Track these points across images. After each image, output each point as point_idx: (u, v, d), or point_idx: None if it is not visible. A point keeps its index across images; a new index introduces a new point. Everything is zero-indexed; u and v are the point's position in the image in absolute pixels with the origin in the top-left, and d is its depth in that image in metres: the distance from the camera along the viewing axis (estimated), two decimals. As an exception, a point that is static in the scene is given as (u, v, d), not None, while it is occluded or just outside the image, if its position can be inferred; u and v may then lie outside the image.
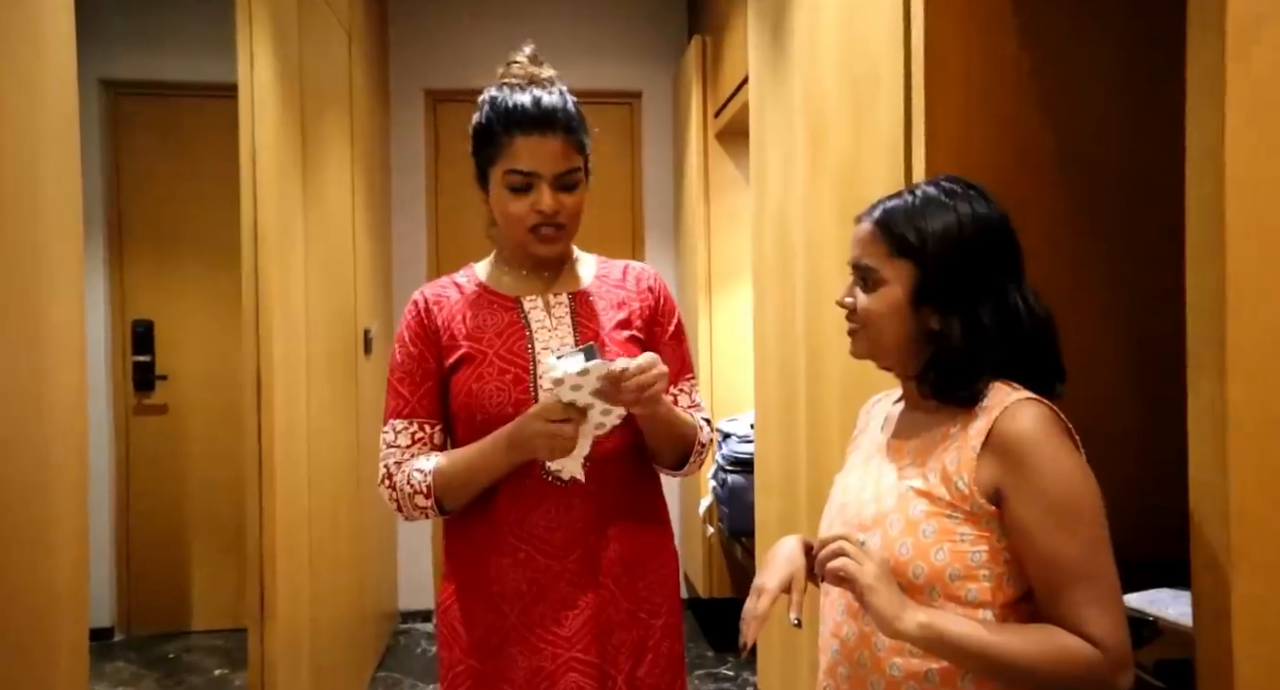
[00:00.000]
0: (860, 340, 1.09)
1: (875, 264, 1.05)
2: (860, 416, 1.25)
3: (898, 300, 1.03)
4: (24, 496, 1.28)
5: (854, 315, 1.09)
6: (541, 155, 1.27)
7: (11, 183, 1.25)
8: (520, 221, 1.29)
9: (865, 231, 1.07)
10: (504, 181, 1.28)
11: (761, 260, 2.45)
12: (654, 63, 3.94)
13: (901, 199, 1.06)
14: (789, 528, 2.26)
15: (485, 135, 1.30)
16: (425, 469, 1.30)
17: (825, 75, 1.85)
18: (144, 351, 3.62)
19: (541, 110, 1.27)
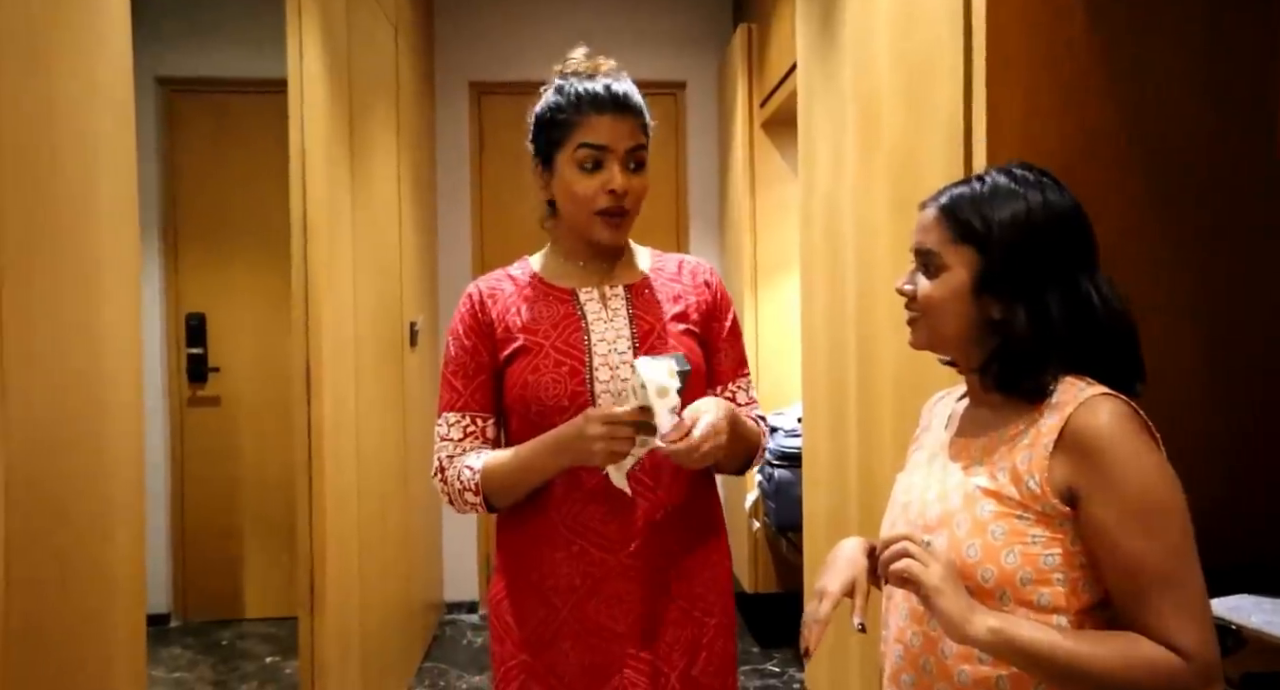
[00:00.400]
0: (920, 329, 1.06)
1: (937, 249, 1.01)
2: (923, 414, 1.22)
3: (959, 287, 0.99)
4: (83, 489, 1.30)
5: (913, 303, 1.06)
6: (615, 131, 1.28)
7: (69, 180, 1.27)
8: (588, 203, 1.28)
9: (929, 217, 1.04)
10: (574, 159, 1.28)
11: (810, 251, 2.41)
12: (698, 52, 3.90)
13: (969, 186, 1.03)
14: (838, 523, 2.22)
15: (553, 118, 1.30)
16: (475, 466, 1.29)
17: (878, 60, 1.80)
18: (197, 344, 3.68)
19: (613, 93, 1.29)
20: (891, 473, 1.81)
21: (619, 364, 1.31)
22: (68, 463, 1.26)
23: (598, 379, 1.29)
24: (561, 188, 1.32)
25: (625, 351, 1.31)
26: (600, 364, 1.30)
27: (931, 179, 1.56)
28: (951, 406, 1.13)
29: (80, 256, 1.29)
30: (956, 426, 1.08)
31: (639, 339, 1.33)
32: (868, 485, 1.96)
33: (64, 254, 1.25)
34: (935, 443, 1.10)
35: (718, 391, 1.43)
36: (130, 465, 1.43)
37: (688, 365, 1.18)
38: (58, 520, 1.23)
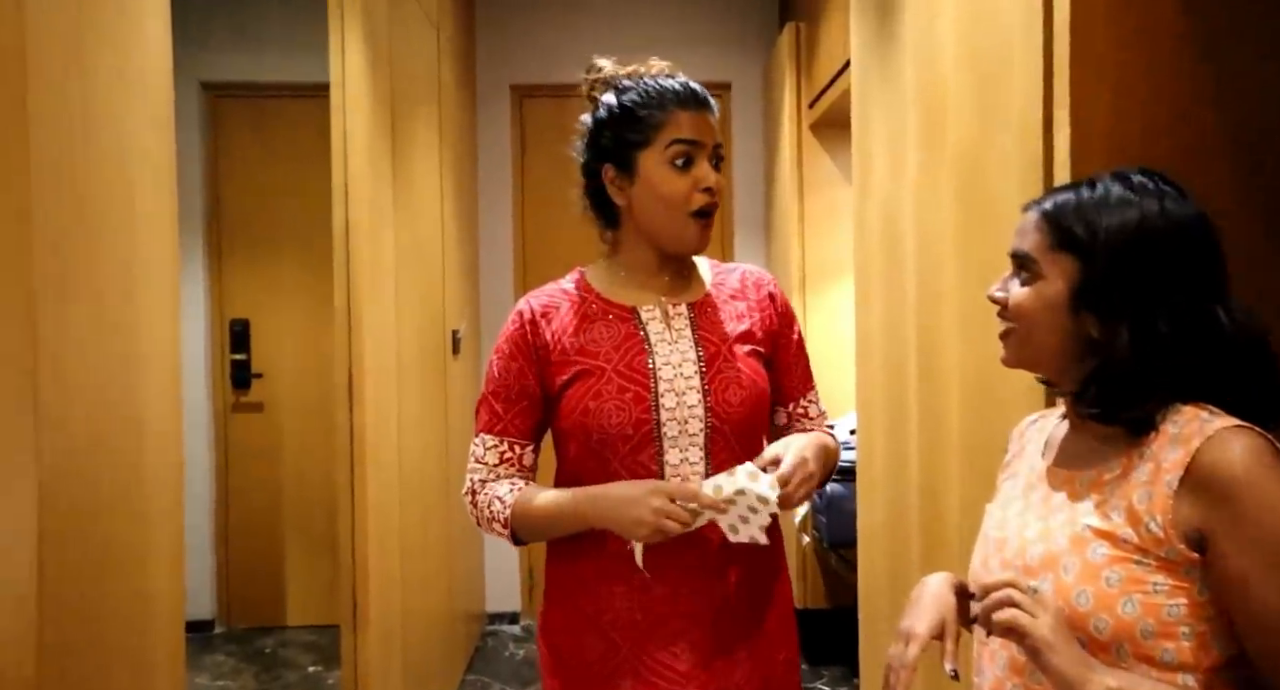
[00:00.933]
0: (1012, 343, 0.97)
1: (1035, 255, 0.93)
2: (1013, 439, 1.12)
3: (1055, 298, 0.91)
4: (120, 500, 1.27)
5: (1005, 312, 0.97)
6: (703, 127, 1.25)
7: (108, 184, 1.23)
8: (682, 203, 1.23)
9: (1030, 220, 0.96)
10: (665, 157, 1.23)
11: (865, 257, 2.32)
12: (743, 53, 3.82)
13: (1078, 190, 0.94)
14: (896, 541, 2.12)
15: (633, 116, 1.25)
16: (506, 500, 1.24)
17: (942, 54, 1.71)
18: (240, 350, 3.69)
19: (693, 89, 1.27)
20: (959, 491, 1.72)
21: (685, 390, 1.24)
22: (106, 476, 1.22)
23: (663, 406, 1.23)
24: (646, 191, 1.25)
25: (691, 376, 1.25)
26: (666, 389, 1.24)
27: (1002, 180, 1.46)
28: (1049, 431, 1.04)
29: (117, 262, 1.26)
30: (1055, 454, 0.98)
31: (705, 363, 1.26)
32: (931, 503, 1.87)
33: (101, 260, 1.21)
34: (1031, 472, 1.01)
35: (789, 409, 1.37)
36: (169, 478, 1.40)
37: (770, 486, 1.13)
38: (95, 532, 1.20)
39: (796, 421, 1.38)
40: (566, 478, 1.30)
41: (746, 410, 1.26)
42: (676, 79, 1.28)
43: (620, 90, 1.27)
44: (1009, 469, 1.07)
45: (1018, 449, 1.09)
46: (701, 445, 1.24)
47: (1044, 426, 1.06)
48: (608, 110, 1.27)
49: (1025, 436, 1.09)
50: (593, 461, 1.25)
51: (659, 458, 1.23)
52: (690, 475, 1.24)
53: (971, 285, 1.60)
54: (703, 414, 1.24)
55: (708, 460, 1.24)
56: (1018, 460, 1.07)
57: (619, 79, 1.29)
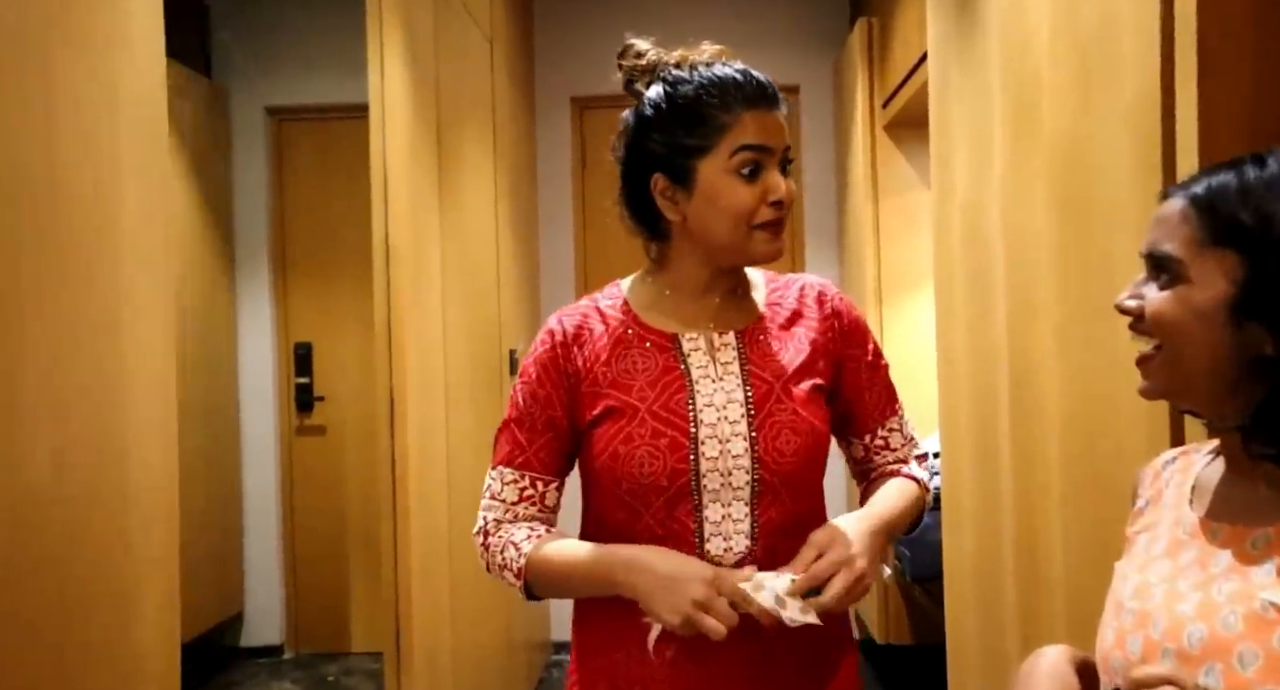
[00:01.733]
0: (1157, 367, 0.77)
1: (1179, 253, 0.74)
2: (1143, 482, 0.91)
3: (1209, 306, 0.72)
4: (105, 560, 1.16)
5: (1140, 323, 0.78)
6: (773, 130, 1.07)
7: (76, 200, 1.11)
8: (748, 216, 1.06)
9: (1173, 211, 0.76)
10: (731, 165, 1.04)
11: (946, 264, 2.12)
12: (812, 53, 3.64)
13: (1239, 171, 0.74)
14: (989, 577, 1.91)
15: (688, 119, 1.05)
16: (522, 548, 1.09)
17: (1035, 34, 1.51)
18: (304, 373, 3.66)
19: (760, 82, 1.07)
20: (1060, 530, 1.51)
21: (729, 436, 1.07)
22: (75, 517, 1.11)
23: (704, 455, 1.06)
24: (705, 204, 1.07)
25: (737, 420, 1.08)
26: (707, 436, 1.07)
27: (1109, 171, 1.26)
28: (1196, 471, 0.83)
29: (94, 288, 1.13)
30: (1209, 504, 0.78)
31: (754, 404, 1.09)
32: (1028, 540, 1.65)
33: (71, 284, 1.09)
34: (1178, 526, 0.80)
35: (865, 440, 1.19)
36: (159, 524, 1.28)
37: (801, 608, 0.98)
38: (50, 584, 1.09)
39: (875, 454, 1.20)
40: (592, 525, 1.15)
41: (801, 461, 1.08)
42: (734, 66, 1.08)
43: (671, 83, 1.07)
44: (1142, 519, 0.87)
45: (1152, 494, 0.88)
46: (747, 500, 1.07)
47: (1187, 468, 0.85)
48: (655, 108, 1.08)
49: (1162, 479, 0.88)
50: (621, 512, 1.09)
51: (697, 513, 1.07)
52: (733, 534, 1.07)
53: (1072, 294, 1.40)
54: (749, 465, 1.07)
55: (754, 518, 1.08)
56: (1154, 509, 0.86)
57: (666, 67, 1.10)
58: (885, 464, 1.20)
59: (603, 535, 1.12)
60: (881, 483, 1.17)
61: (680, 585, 0.96)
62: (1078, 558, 1.43)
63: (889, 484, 1.15)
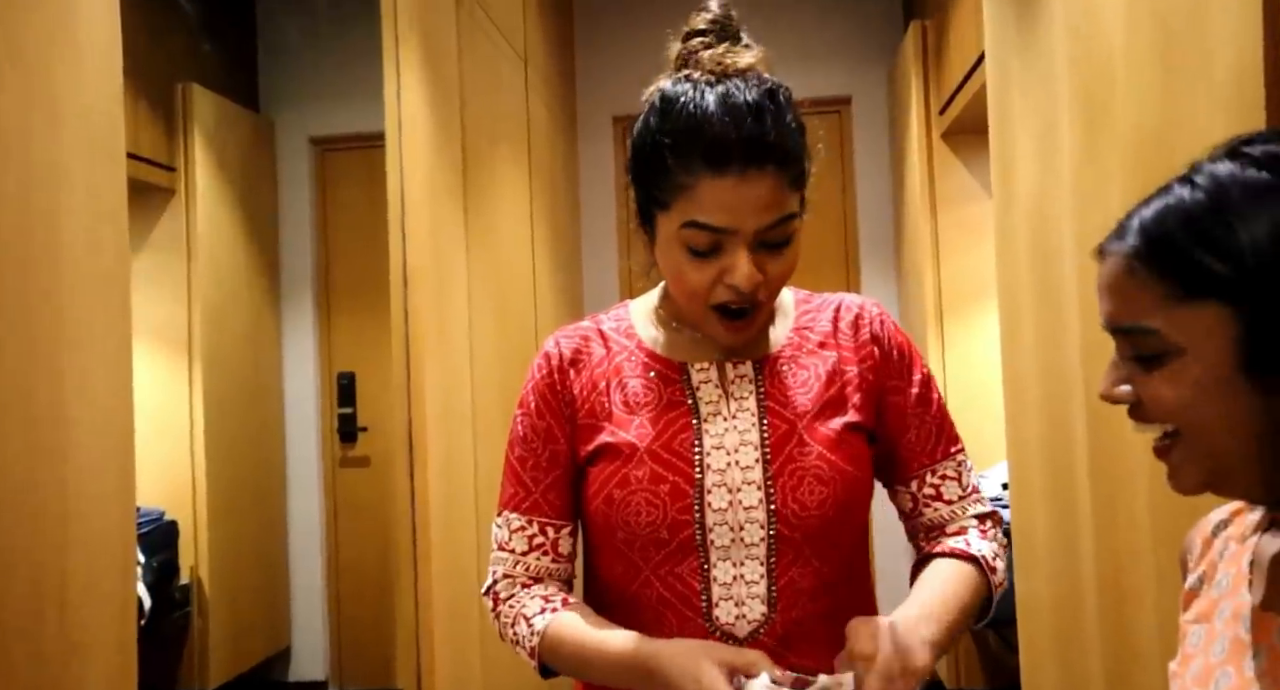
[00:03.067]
0: (1182, 457, 0.62)
1: (1152, 323, 0.59)
2: (1192, 550, 0.74)
3: (1213, 375, 0.57)
4: (31, 628, 1.05)
5: (1139, 410, 0.63)
6: (741, 205, 0.85)
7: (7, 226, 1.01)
8: (698, 297, 0.90)
9: (1116, 271, 0.62)
10: (680, 238, 0.88)
11: (1012, 276, 1.92)
12: (864, 62, 3.47)
13: (1170, 198, 0.60)
14: (1069, 619, 1.70)
15: (653, 160, 0.89)
16: (535, 626, 0.94)
17: (1106, 19, 1.34)
18: (347, 404, 3.61)
19: (741, 131, 0.84)
20: (1153, 575, 1.30)
21: (741, 485, 0.92)
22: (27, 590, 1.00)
23: (710, 505, 0.91)
24: (665, 263, 0.92)
25: (750, 465, 0.92)
26: (715, 483, 0.92)
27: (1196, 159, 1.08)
28: (1251, 542, 0.66)
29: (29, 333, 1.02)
30: (1264, 588, 0.62)
31: (770, 447, 0.93)
32: (1112, 585, 1.45)
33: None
34: (1236, 621, 0.63)
35: (912, 489, 1.00)
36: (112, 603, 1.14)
37: None
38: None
39: (926, 506, 1.00)
40: (593, 578, 1.01)
41: (828, 514, 0.91)
42: (723, 98, 0.86)
43: (662, 99, 0.89)
44: (1196, 605, 0.69)
45: (1205, 570, 0.70)
46: (763, 560, 0.91)
47: (1243, 535, 0.68)
48: (638, 125, 0.92)
49: (1214, 549, 0.71)
50: (620, 565, 0.95)
51: (703, 573, 0.92)
52: (747, 599, 0.91)
53: (1160, 309, 1.21)
54: (764, 518, 0.91)
55: (771, 579, 0.92)
56: (1208, 590, 0.69)
57: (682, 66, 0.92)
58: (940, 521, 1.00)
59: (601, 592, 0.99)
60: (930, 570, 0.96)
61: (684, 676, 0.81)
62: (1174, 609, 1.23)
63: (941, 572, 0.94)
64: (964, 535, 0.98)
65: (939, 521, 0.99)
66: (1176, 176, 0.61)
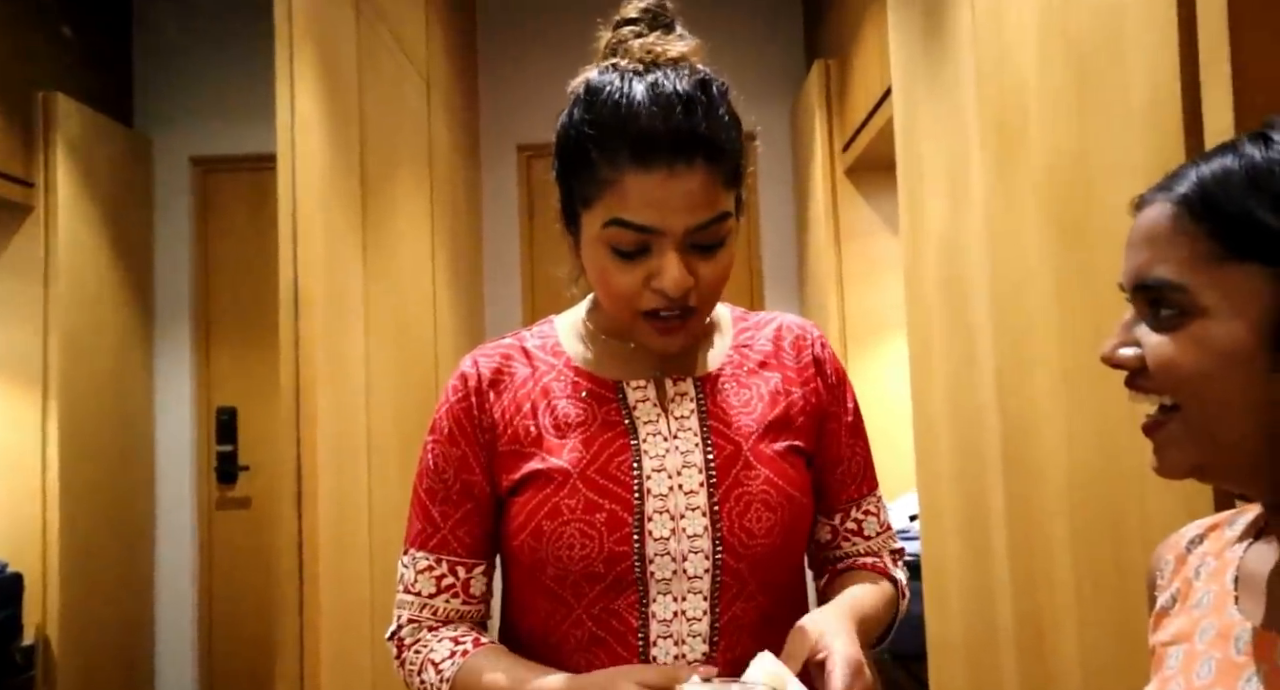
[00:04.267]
0: (1175, 436, 0.58)
1: (1182, 278, 0.56)
2: (1161, 567, 0.71)
3: (1236, 342, 0.54)
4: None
5: (1141, 377, 0.59)
6: (669, 202, 0.79)
7: None
8: (626, 301, 0.84)
9: (1159, 222, 0.58)
10: (604, 238, 0.82)
11: (921, 310, 1.94)
12: (766, 99, 3.52)
13: (1236, 155, 0.56)
14: (982, 656, 1.68)
15: (577, 155, 0.83)
16: (445, 671, 0.86)
17: (1016, 52, 1.36)
18: (227, 441, 3.36)
19: (669, 123, 0.79)
20: (1074, 611, 1.28)
21: (685, 511, 0.85)
22: None
23: (651, 535, 0.85)
24: (590, 266, 0.85)
25: (695, 490, 0.86)
26: (657, 509, 0.85)
27: (1117, 191, 1.08)
28: (1234, 558, 0.63)
29: None
30: (1264, 602, 0.59)
31: (716, 470, 0.87)
32: (1031, 621, 1.43)
33: None
34: (1226, 640, 0.60)
35: (835, 522, 0.96)
36: None
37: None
38: None
39: (845, 540, 0.97)
40: (513, 618, 0.93)
41: (775, 543, 0.86)
42: (652, 87, 0.80)
43: (586, 91, 0.84)
44: (1170, 625, 0.66)
45: (1179, 588, 0.67)
46: (706, 593, 0.85)
47: (1221, 550, 0.65)
48: (562, 118, 0.85)
49: (1189, 566, 0.68)
50: (547, 604, 0.87)
51: (641, 608, 0.85)
52: (687, 637, 0.85)
53: (1077, 338, 1.21)
54: (709, 548, 0.85)
55: (714, 615, 0.86)
56: (1185, 610, 0.65)
57: (609, 56, 0.86)
58: (855, 555, 0.98)
59: (522, 634, 0.90)
60: (852, 578, 0.94)
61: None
62: (1097, 646, 1.21)
63: (863, 582, 0.93)
64: (880, 559, 0.98)
65: (853, 554, 0.98)
66: (1246, 134, 0.58)
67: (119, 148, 3.21)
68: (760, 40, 3.54)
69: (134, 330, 3.26)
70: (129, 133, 3.33)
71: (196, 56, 3.42)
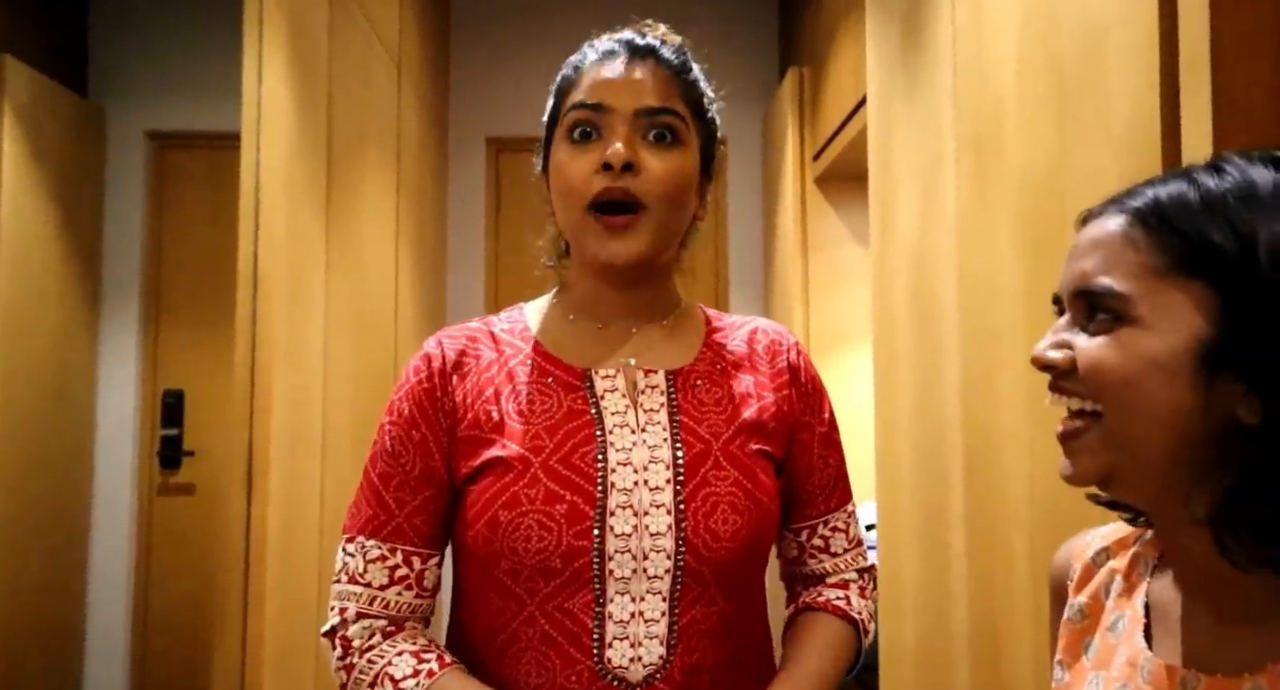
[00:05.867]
0: (1091, 442, 0.58)
1: (1125, 287, 0.56)
2: (1069, 569, 0.71)
3: (1167, 353, 0.54)
4: None
5: (1067, 379, 0.59)
6: (619, 84, 0.85)
7: None
8: (577, 193, 0.84)
9: (1109, 232, 0.59)
10: (563, 129, 0.87)
11: (887, 320, 1.94)
12: (740, 105, 3.52)
13: (1189, 181, 0.58)
14: (936, 669, 1.69)
15: (555, 90, 0.91)
16: (399, 681, 0.81)
17: (995, 66, 1.36)
18: (173, 425, 3.26)
19: (627, 38, 0.89)
20: (1030, 624, 1.29)
21: (649, 508, 0.83)
22: None
23: (612, 530, 0.82)
24: (553, 179, 0.88)
25: (661, 487, 0.84)
26: (620, 504, 0.83)
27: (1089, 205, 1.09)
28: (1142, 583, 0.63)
29: None
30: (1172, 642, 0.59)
31: (684, 467, 0.85)
32: (986, 633, 1.44)
33: None
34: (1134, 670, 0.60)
35: (802, 537, 0.94)
36: None
37: None
38: None
39: (811, 556, 0.95)
40: (463, 615, 0.89)
41: (740, 547, 0.84)
42: (629, 36, 0.90)
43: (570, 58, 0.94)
44: (1082, 647, 0.66)
45: (1087, 602, 0.67)
46: (666, 595, 0.83)
47: (1131, 569, 0.65)
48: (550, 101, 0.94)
49: (1098, 581, 0.68)
50: (498, 600, 0.84)
51: (597, 608, 0.82)
52: (644, 639, 0.83)
53: (1045, 353, 1.22)
54: (671, 547, 0.83)
55: (673, 617, 0.83)
56: (1093, 627, 0.65)
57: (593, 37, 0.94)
58: (822, 573, 0.96)
59: (469, 631, 0.87)
60: (809, 626, 0.92)
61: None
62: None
63: (818, 634, 0.91)
64: (846, 590, 0.95)
65: (821, 573, 0.96)
66: (1200, 163, 0.59)
67: (71, 116, 3.10)
68: (735, 46, 3.54)
69: (79, 306, 3.15)
70: (82, 102, 3.22)
71: (158, 25, 3.31)
